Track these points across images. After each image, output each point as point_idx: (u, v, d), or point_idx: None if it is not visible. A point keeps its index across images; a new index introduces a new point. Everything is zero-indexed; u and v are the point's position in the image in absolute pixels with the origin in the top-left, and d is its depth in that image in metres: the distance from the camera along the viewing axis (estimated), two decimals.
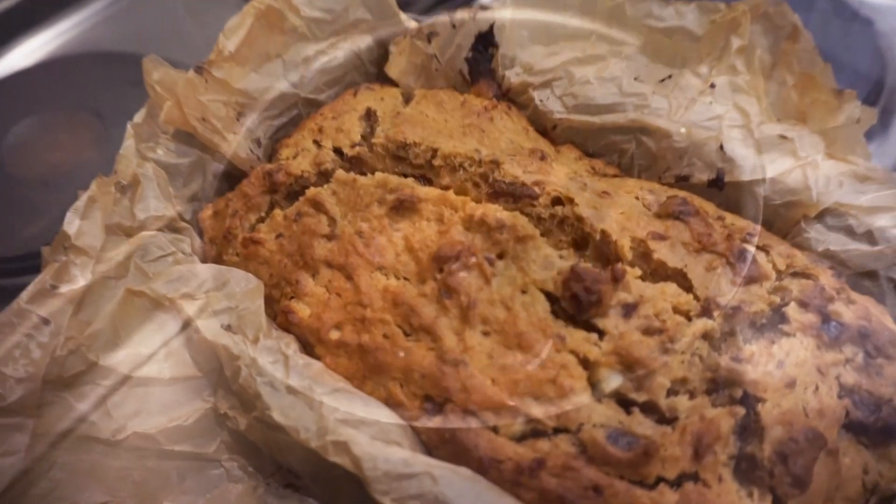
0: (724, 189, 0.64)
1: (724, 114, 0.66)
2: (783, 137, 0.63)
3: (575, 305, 0.51)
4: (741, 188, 0.64)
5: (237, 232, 0.65)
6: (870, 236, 0.59)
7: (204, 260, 0.67)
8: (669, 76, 0.70)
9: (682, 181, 0.66)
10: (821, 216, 0.61)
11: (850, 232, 0.60)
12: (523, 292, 0.53)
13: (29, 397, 0.51)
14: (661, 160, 0.67)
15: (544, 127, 0.72)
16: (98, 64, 1.13)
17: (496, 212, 0.56)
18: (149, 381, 0.56)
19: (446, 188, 0.61)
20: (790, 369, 0.49)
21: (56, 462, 0.55)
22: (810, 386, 0.49)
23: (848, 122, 0.64)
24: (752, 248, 0.55)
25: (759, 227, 0.59)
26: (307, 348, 0.59)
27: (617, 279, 0.51)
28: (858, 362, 0.51)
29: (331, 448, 0.48)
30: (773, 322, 0.52)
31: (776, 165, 0.62)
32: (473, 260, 0.55)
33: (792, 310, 0.52)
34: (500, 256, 0.55)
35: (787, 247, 0.57)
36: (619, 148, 0.69)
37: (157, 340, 0.57)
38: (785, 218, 0.62)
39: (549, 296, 0.53)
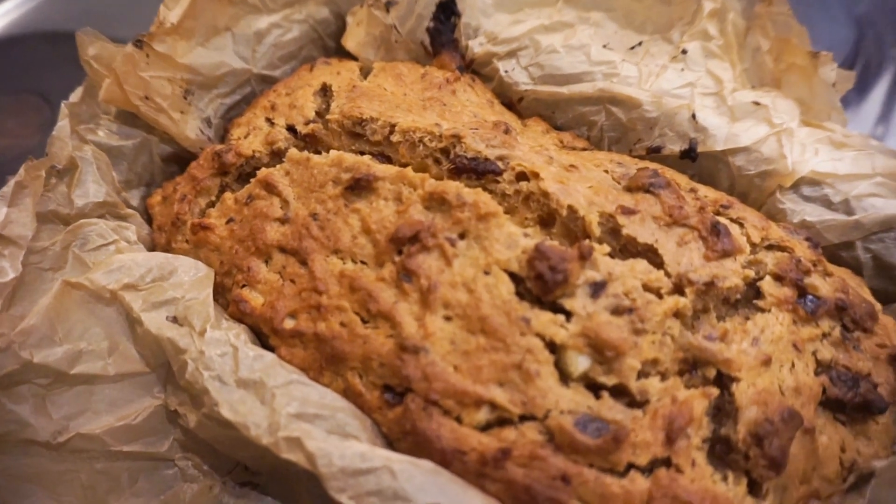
0: (697, 160, 0.62)
1: (697, 81, 0.63)
2: (757, 104, 0.60)
3: (540, 286, 0.48)
4: (715, 159, 0.61)
5: (186, 218, 0.62)
6: (846, 205, 0.57)
7: (152, 249, 0.63)
8: (640, 43, 0.67)
9: (654, 153, 0.63)
10: (796, 185, 0.58)
11: (826, 202, 0.58)
12: (486, 273, 0.50)
13: None
14: (631, 131, 0.64)
15: (510, 99, 0.69)
16: (45, 44, 1.07)
17: (458, 189, 0.53)
18: (92, 379, 0.53)
19: (405, 165, 0.57)
20: (765, 346, 0.46)
21: None
22: (786, 363, 0.47)
23: (824, 86, 0.62)
24: (725, 221, 0.52)
25: (732, 199, 0.56)
26: (261, 339, 0.55)
27: (584, 257, 0.48)
28: (836, 337, 0.49)
29: (283, 445, 0.45)
30: (748, 297, 0.50)
31: (750, 133, 0.60)
32: (433, 240, 0.52)
33: (767, 284, 0.49)
34: (462, 236, 0.52)
35: (762, 218, 0.55)
36: (588, 120, 0.66)
37: (99, 334, 0.53)
38: (760, 188, 0.60)
39: (514, 276, 0.50)
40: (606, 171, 0.58)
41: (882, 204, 0.56)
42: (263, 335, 0.55)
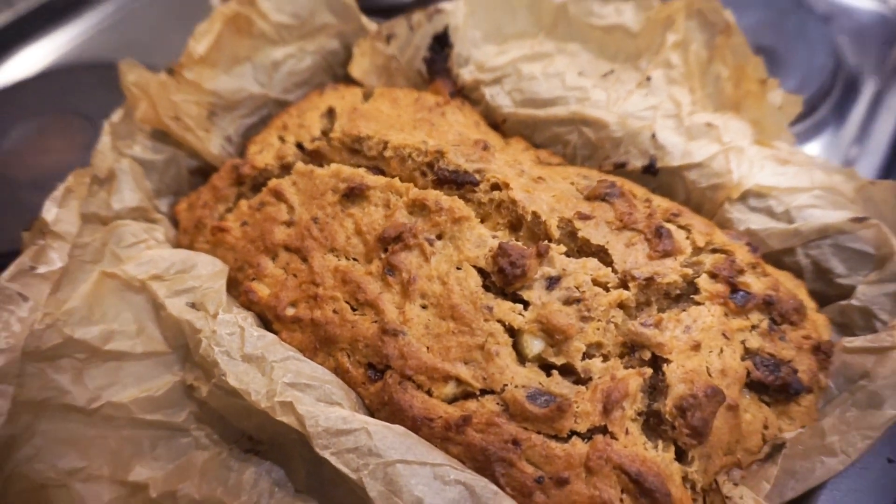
0: (657, 175, 0.69)
1: (659, 104, 0.71)
2: (710, 125, 0.67)
3: (502, 278, 0.56)
4: (672, 173, 0.68)
5: (207, 221, 0.71)
6: (788, 215, 0.64)
7: (177, 248, 0.72)
8: (612, 71, 0.75)
9: (620, 168, 0.70)
10: (744, 197, 0.65)
11: (770, 212, 0.64)
12: (458, 268, 0.58)
13: (9, 367, 0.56)
14: (600, 149, 0.72)
15: (495, 121, 0.77)
16: (91, 72, 1.19)
17: (437, 196, 0.61)
18: (122, 356, 0.62)
19: (396, 177, 0.66)
20: (696, 334, 0.53)
21: (38, 431, 0.60)
22: (715, 349, 0.53)
23: (772, 109, 0.69)
24: (669, 226, 0.59)
25: (682, 208, 0.63)
26: (266, 324, 0.64)
27: (541, 254, 0.56)
28: (763, 328, 0.55)
29: (278, 408, 0.53)
30: (687, 293, 0.56)
31: (703, 151, 0.67)
32: (414, 240, 0.60)
33: (703, 281, 0.56)
34: (440, 237, 0.60)
35: (709, 225, 0.62)
36: (562, 139, 0.74)
37: (129, 318, 0.62)
38: (711, 200, 0.67)
39: (482, 271, 0.58)
40: (572, 183, 0.65)
41: (819, 214, 0.63)
42: (268, 321, 0.63)
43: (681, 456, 0.51)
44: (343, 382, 0.58)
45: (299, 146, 0.72)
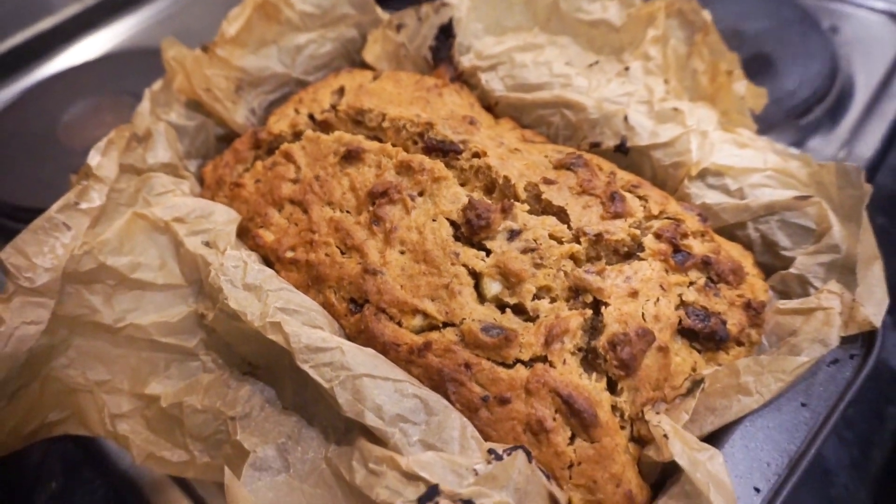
0: (628, 154, 0.76)
1: (634, 91, 0.78)
2: (676, 110, 0.74)
3: (469, 228, 0.63)
4: (641, 153, 0.75)
5: (227, 179, 0.81)
6: (741, 192, 0.70)
7: None
8: (597, 62, 0.83)
9: (595, 147, 0.78)
10: (702, 175, 0.71)
11: (725, 189, 0.71)
12: (434, 220, 0.66)
13: (52, 283, 0.67)
14: (579, 130, 0.79)
15: (489, 103, 0.85)
16: (144, 58, 1.32)
17: (421, 159, 0.70)
18: (145, 285, 0.72)
19: (392, 146, 0.75)
20: (636, 284, 0.60)
21: (72, 344, 0.70)
22: (652, 298, 0.60)
23: (737, 98, 0.75)
24: (626, 194, 0.66)
25: (643, 181, 0.70)
26: (268, 265, 0.73)
27: (505, 210, 0.64)
28: (700, 285, 0.62)
29: (269, 328, 0.62)
30: (633, 251, 0.63)
31: (668, 133, 0.73)
32: (399, 196, 0.68)
33: (649, 240, 0.63)
34: (421, 193, 0.68)
35: (665, 196, 0.68)
36: (546, 120, 0.81)
37: (154, 254, 0.72)
38: (674, 177, 0.73)
39: (454, 224, 0.66)
40: (546, 156, 0.73)
41: (770, 192, 0.68)
42: (270, 262, 0.73)
43: (612, 387, 0.58)
44: (328, 314, 0.66)
45: (311, 117, 0.82)
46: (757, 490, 0.54)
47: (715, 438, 0.57)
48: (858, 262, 0.60)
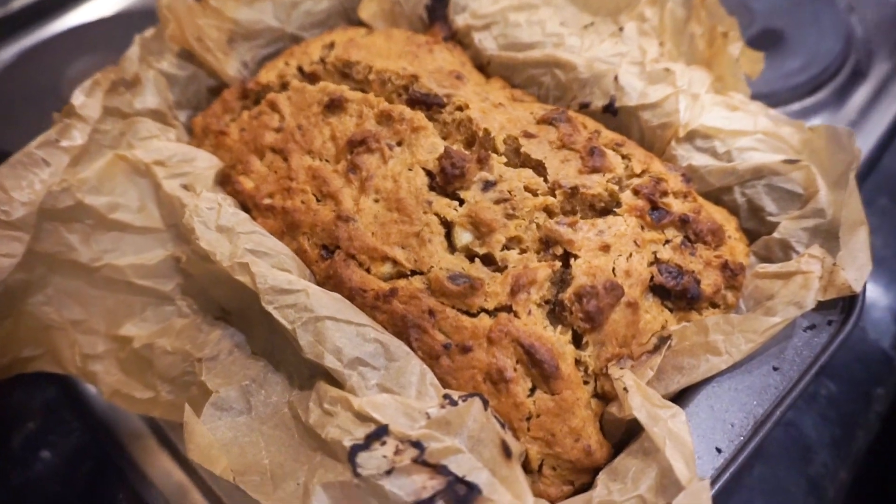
0: (617, 115, 0.74)
1: (627, 52, 0.76)
2: (667, 70, 0.72)
3: (443, 177, 0.62)
4: (630, 114, 0.73)
5: (213, 128, 0.81)
6: (729, 155, 0.68)
7: None
8: (592, 23, 0.81)
9: (584, 108, 0.76)
10: (690, 138, 0.69)
11: (713, 152, 0.69)
12: (410, 170, 0.65)
13: (27, 218, 0.67)
14: (568, 90, 0.77)
15: (481, 63, 0.84)
16: (151, 18, 1.32)
17: (401, 109, 0.69)
18: (124, 227, 0.72)
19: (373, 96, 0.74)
20: (608, 238, 0.58)
21: (50, 282, 0.71)
22: (624, 253, 0.58)
23: (731, 61, 0.73)
24: (607, 150, 0.64)
25: (628, 140, 0.68)
26: (247, 212, 0.72)
27: (481, 161, 0.62)
28: (676, 243, 0.60)
29: (237, 268, 0.62)
30: (609, 205, 0.62)
31: (657, 93, 0.71)
32: (377, 145, 0.67)
33: (626, 196, 0.61)
34: (399, 143, 0.67)
35: (648, 156, 0.67)
36: (537, 80, 0.80)
37: (133, 196, 0.72)
38: (661, 138, 0.71)
39: (430, 173, 0.65)
40: (532, 113, 0.71)
41: (758, 156, 0.66)
42: (248, 209, 0.72)
43: (577, 341, 0.56)
44: (300, 260, 0.66)
45: (300, 69, 0.81)
46: (719, 450, 0.52)
47: (680, 399, 0.55)
48: (842, 227, 0.58)
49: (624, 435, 0.56)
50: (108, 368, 0.71)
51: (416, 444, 0.48)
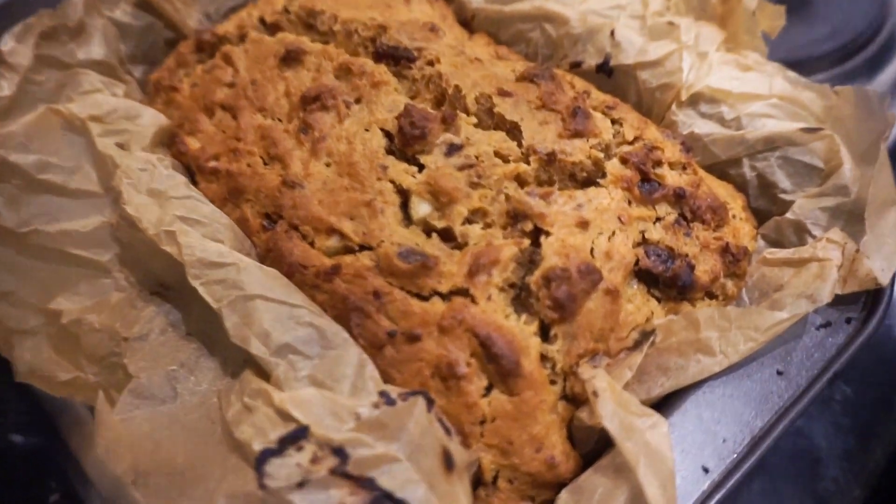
0: (612, 76, 0.65)
1: (627, 4, 0.66)
2: (671, 24, 0.63)
3: (402, 138, 0.54)
4: (626, 74, 0.64)
5: (165, 83, 0.73)
6: (738, 122, 0.58)
7: None
8: None
9: (576, 67, 0.67)
10: (694, 101, 0.60)
11: (720, 119, 0.59)
12: (367, 130, 0.57)
13: None
14: (559, 48, 0.68)
15: (465, 17, 0.75)
16: None
17: (363, 62, 0.60)
18: (55, 189, 0.64)
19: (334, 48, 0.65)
20: (587, 213, 0.50)
21: None
22: (606, 232, 0.50)
23: (747, 16, 0.63)
24: (590, 110, 0.55)
25: (620, 103, 0.59)
26: (191, 176, 0.65)
27: (446, 121, 0.54)
28: (669, 221, 0.51)
29: (163, 237, 0.54)
30: (593, 175, 0.53)
31: (659, 50, 0.62)
32: (333, 101, 0.59)
33: (612, 165, 0.52)
34: (358, 101, 0.59)
35: (642, 121, 0.57)
36: (525, 37, 0.70)
37: (67, 155, 0.65)
38: (660, 102, 0.62)
39: (389, 135, 0.56)
40: (513, 70, 0.62)
41: (773, 124, 0.57)
42: (192, 172, 0.64)
43: (545, 334, 0.48)
44: (240, 231, 0.58)
45: (261, 20, 0.73)
46: (706, 470, 0.44)
47: (664, 406, 0.47)
48: (869, 207, 0.49)
49: (598, 444, 0.48)
50: (38, 345, 0.64)
51: (339, 452, 0.41)
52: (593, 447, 0.48)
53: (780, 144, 0.56)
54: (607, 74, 0.65)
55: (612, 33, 0.64)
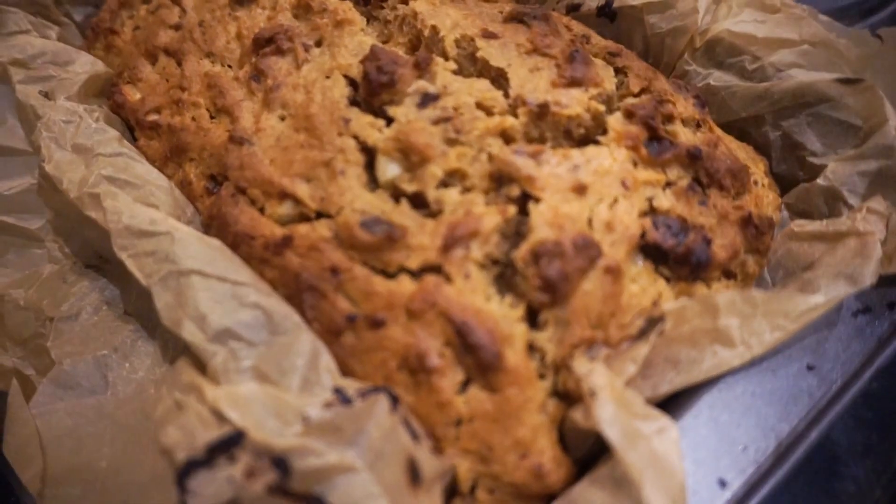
0: (615, 20, 0.56)
1: None
2: None
3: (367, 86, 0.46)
4: (632, 18, 0.56)
5: (104, 26, 0.64)
6: (761, 72, 0.50)
7: None
8: None
9: (574, 10, 0.58)
10: (710, 49, 0.52)
11: (739, 69, 0.51)
12: (327, 78, 0.48)
13: None
14: None
15: None
16: None
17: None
18: None
19: None
20: (585, 176, 0.42)
21: None
22: (607, 198, 0.42)
23: None
24: (590, 56, 0.47)
25: (624, 49, 0.51)
26: (130, 131, 0.57)
27: (419, 66, 0.46)
28: (681, 187, 0.43)
29: (87, 200, 0.46)
30: (591, 131, 0.45)
31: None
32: (289, 44, 0.50)
33: (615, 119, 0.44)
34: (319, 44, 0.51)
35: (650, 70, 0.49)
36: None
37: None
38: (671, 49, 0.54)
39: (354, 83, 0.48)
40: (500, 12, 0.54)
41: (803, 75, 0.49)
42: (131, 128, 0.56)
43: (533, 320, 0.40)
44: (182, 195, 0.50)
45: None
46: (723, 483, 0.37)
47: (674, 406, 0.40)
48: None
49: (594, 446, 0.41)
50: None
51: (280, 463, 0.33)
52: (587, 451, 0.41)
53: (811, 99, 0.48)
54: (610, 18, 0.56)
55: None
